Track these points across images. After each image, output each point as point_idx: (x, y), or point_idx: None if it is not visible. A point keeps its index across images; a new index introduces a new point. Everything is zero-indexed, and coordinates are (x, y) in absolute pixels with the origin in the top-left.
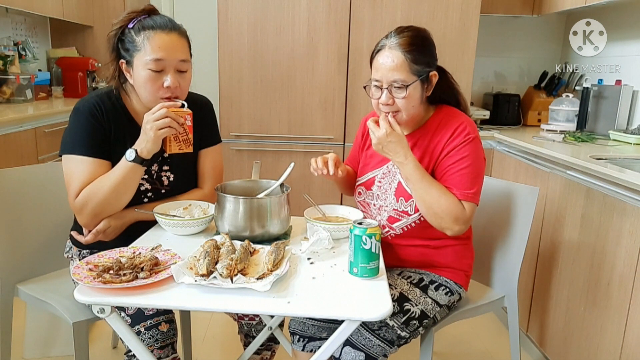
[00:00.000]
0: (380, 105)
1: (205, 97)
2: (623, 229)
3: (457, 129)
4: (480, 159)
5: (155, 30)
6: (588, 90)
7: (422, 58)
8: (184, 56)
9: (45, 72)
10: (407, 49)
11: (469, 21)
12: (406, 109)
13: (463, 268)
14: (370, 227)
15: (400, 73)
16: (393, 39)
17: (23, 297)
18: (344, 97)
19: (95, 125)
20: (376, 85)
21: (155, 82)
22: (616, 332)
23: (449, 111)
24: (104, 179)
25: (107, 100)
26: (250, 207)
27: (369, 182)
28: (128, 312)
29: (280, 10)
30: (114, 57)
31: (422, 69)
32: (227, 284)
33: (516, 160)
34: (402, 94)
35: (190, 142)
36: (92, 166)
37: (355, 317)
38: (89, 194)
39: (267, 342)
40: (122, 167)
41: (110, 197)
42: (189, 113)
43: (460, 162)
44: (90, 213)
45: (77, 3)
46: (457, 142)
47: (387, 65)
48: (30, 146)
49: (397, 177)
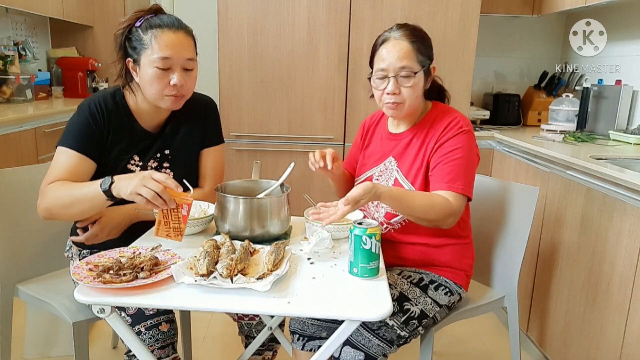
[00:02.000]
0: (385, 96)
1: (209, 97)
2: (623, 229)
3: (451, 123)
4: (473, 153)
5: (163, 28)
6: (588, 90)
7: (424, 49)
8: (190, 55)
9: (45, 72)
10: (412, 39)
11: (469, 21)
12: (410, 99)
13: (463, 268)
14: (370, 227)
15: (408, 60)
16: (397, 32)
17: (23, 297)
18: (344, 97)
19: (90, 125)
20: (381, 76)
21: (162, 80)
22: (616, 332)
23: (444, 107)
24: (75, 186)
25: (110, 100)
26: (250, 207)
27: (367, 179)
28: (128, 312)
29: (280, 10)
30: (121, 56)
31: (425, 60)
32: (227, 284)
33: (516, 160)
34: (410, 82)
35: (181, 232)
36: (74, 159)
37: (356, 317)
38: (56, 188)
39: (269, 342)
40: (93, 186)
41: (65, 202)
42: (188, 203)
43: (452, 154)
44: (45, 206)
45: (77, 3)
46: (450, 134)
47: (394, 54)
48: (30, 146)
49: (393, 174)
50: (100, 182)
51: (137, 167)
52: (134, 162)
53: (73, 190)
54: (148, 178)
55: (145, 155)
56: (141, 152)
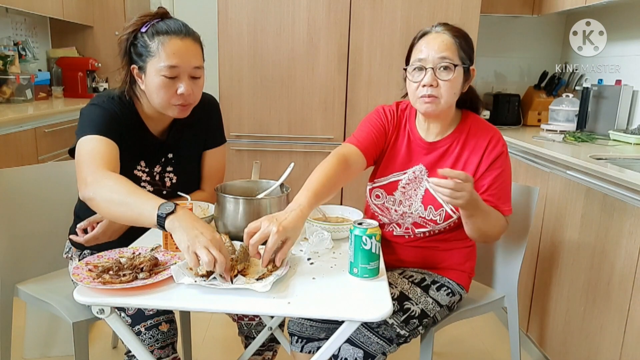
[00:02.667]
0: (421, 88)
1: (212, 96)
2: (623, 229)
3: (491, 141)
4: (510, 171)
5: (170, 35)
6: (588, 90)
7: (467, 48)
8: (197, 63)
9: (45, 72)
10: (455, 34)
11: (469, 21)
12: (447, 94)
13: (466, 270)
14: (370, 228)
15: (449, 52)
16: (438, 27)
17: (23, 297)
18: (344, 97)
19: (112, 115)
20: (418, 67)
21: (169, 89)
22: (616, 332)
23: (476, 118)
24: (134, 190)
25: (119, 103)
26: (250, 207)
27: (390, 185)
28: (128, 313)
29: (280, 10)
30: (126, 62)
31: (466, 58)
32: (227, 284)
33: (516, 160)
34: (449, 75)
35: None
36: (105, 144)
37: (356, 317)
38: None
39: (269, 342)
40: (149, 202)
41: (115, 199)
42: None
43: (500, 177)
44: (96, 192)
45: (77, 3)
46: (494, 155)
47: (435, 45)
48: (30, 146)
49: (423, 184)
50: (159, 205)
51: (144, 173)
52: (140, 168)
53: (129, 192)
54: (210, 243)
55: (152, 161)
56: (148, 158)
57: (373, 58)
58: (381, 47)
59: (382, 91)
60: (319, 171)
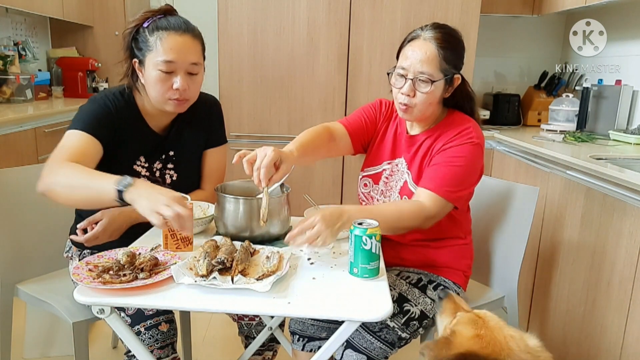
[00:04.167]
0: (399, 95)
1: (214, 96)
2: (623, 229)
3: (463, 131)
4: (475, 167)
5: (169, 31)
6: (588, 90)
7: (452, 58)
8: (195, 59)
9: (45, 72)
10: (442, 45)
11: (469, 21)
12: (422, 105)
13: (461, 268)
14: (370, 228)
15: (430, 67)
16: (429, 32)
17: (23, 297)
18: (344, 97)
19: (105, 109)
20: (401, 74)
21: (164, 83)
22: (616, 332)
23: (460, 116)
24: (89, 171)
25: (120, 97)
26: (250, 207)
27: (377, 175)
28: (128, 312)
29: (280, 10)
30: (128, 56)
31: (449, 68)
32: (227, 284)
33: (516, 160)
34: (426, 88)
35: (190, 241)
36: (84, 140)
37: (356, 317)
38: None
39: (269, 342)
40: (107, 180)
41: (73, 183)
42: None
43: (453, 160)
44: (50, 180)
45: (77, 3)
46: (458, 142)
47: (418, 56)
48: (30, 146)
49: (404, 176)
50: (117, 180)
51: (143, 169)
52: (140, 164)
53: (85, 175)
54: (171, 203)
55: (151, 156)
56: (147, 154)
57: (373, 58)
58: (381, 47)
59: (382, 91)
60: (304, 132)
